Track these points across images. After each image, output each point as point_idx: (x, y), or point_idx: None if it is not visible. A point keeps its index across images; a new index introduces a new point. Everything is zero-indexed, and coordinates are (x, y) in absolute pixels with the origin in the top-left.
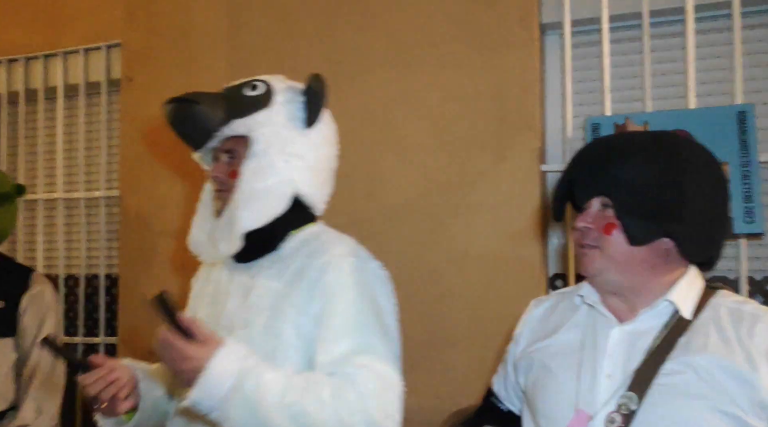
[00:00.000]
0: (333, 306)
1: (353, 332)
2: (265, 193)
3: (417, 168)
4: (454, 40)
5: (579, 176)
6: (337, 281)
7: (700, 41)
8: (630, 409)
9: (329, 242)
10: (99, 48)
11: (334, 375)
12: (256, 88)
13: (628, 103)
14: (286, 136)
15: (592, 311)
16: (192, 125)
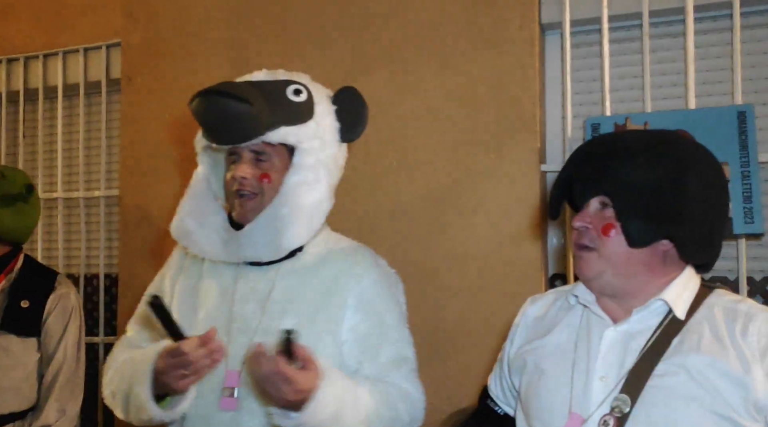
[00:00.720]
0: (373, 317)
1: (394, 340)
2: (312, 208)
3: (416, 168)
4: (453, 39)
5: (579, 175)
6: (373, 292)
7: (700, 41)
8: (623, 411)
9: (353, 252)
10: (99, 47)
11: (379, 382)
12: (301, 94)
13: (628, 104)
14: (331, 150)
15: (586, 311)
16: (237, 125)
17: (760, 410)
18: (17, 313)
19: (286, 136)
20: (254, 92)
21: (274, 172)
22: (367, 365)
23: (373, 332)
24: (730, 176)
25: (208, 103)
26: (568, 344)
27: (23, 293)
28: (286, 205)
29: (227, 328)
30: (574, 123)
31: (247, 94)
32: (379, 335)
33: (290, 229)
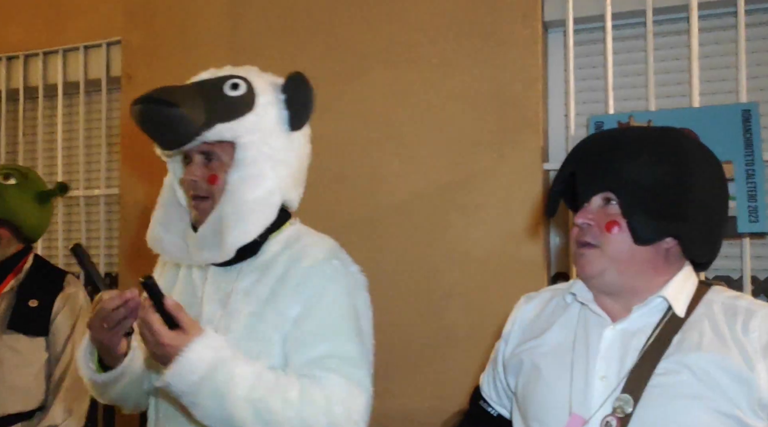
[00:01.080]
0: (311, 310)
1: (330, 336)
2: (256, 204)
3: (418, 167)
4: (456, 37)
5: (582, 171)
6: (318, 286)
7: (705, 39)
8: (625, 412)
9: (311, 245)
10: (99, 45)
11: (304, 377)
12: (238, 88)
13: (631, 102)
14: (274, 142)
15: (584, 310)
16: (170, 129)
17: (764, 408)
18: (26, 312)
19: (222, 133)
20: (188, 93)
21: (222, 172)
22: (294, 358)
23: (309, 327)
24: (734, 175)
25: (139, 112)
26: (565, 343)
27: (32, 292)
28: (229, 204)
29: None
30: (577, 121)
31: (175, 97)
32: (315, 330)
33: (235, 227)
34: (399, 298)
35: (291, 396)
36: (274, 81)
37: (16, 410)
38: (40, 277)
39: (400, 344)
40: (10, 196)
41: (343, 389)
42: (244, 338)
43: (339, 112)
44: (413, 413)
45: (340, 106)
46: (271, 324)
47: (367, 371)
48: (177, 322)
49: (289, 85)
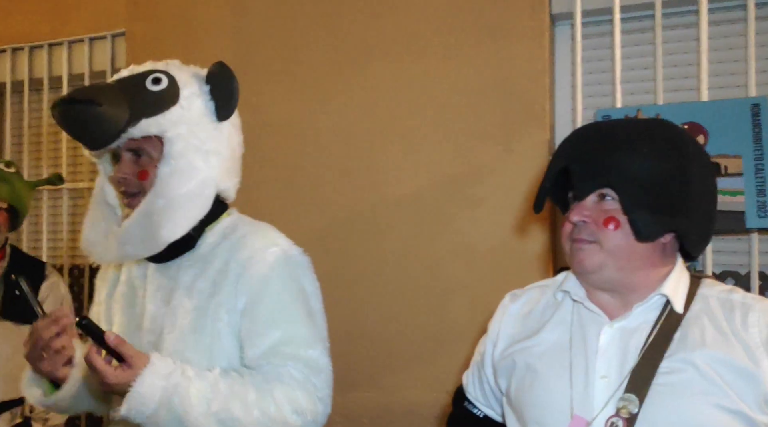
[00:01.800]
0: (258, 300)
1: (280, 322)
2: (187, 198)
3: (422, 160)
4: (461, 29)
5: (578, 167)
6: (261, 274)
7: (714, 32)
8: (631, 412)
9: (249, 234)
10: (104, 37)
11: (260, 370)
12: (160, 82)
13: (639, 96)
14: (202, 133)
15: (577, 307)
16: (93, 128)
17: None
18: (14, 301)
19: (148, 128)
20: (109, 91)
21: (152, 168)
22: (249, 351)
23: (259, 317)
24: (743, 170)
25: (59, 113)
26: (561, 343)
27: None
28: (160, 198)
29: (138, 329)
30: (585, 115)
31: (96, 95)
32: (266, 319)
33: (167, 221)
34: (402, 291)
35: (250, 398)
36: (197, 73)
37: (8, 397)
38: (21, 265)
39: (403, 337)
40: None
41: (300, 374)
42: (191, 332)
43: (342, 104)
44: (415, 406)
45: (344, 98)
46: (218, 318)
47: (322, 350)
48: (121, 356)
49: (212, 76)
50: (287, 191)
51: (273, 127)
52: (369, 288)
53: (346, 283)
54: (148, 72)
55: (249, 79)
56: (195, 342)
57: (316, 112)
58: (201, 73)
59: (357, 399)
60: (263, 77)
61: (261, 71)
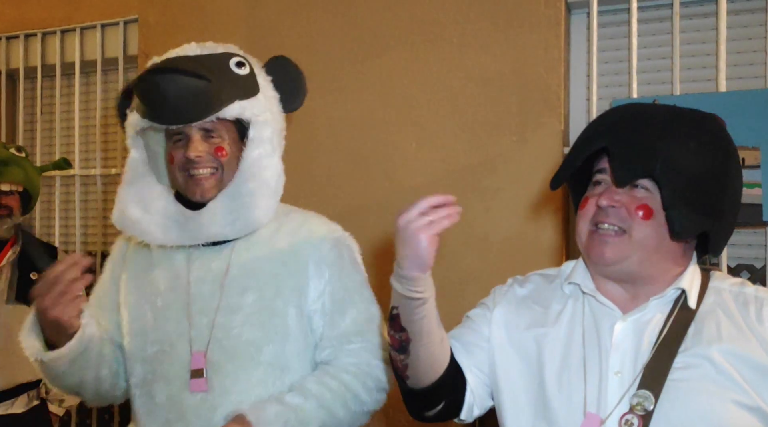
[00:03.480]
0: (336, 281)
1: (357, 302)
2: (274, 181)
3: (436, 150)
4: (476, 18)
5: (620, 151)
6: (331, 257)
7: (732, 22)
8: (647, 409)
9: (308, 220)
10: (116, 23)
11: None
12: (244, 67)
13: (655, 86)
14: (278, 123)
15: (588, 300)
16: (193, 102)
17: None
18: (29, 284)
19: (243, 112)
20: (210, 68)
21: (227, 146)
22: (328, 331)
23: (336, 298)
24: (761, 162)
25: (165, 82)
26: (574, 338)
27: (30, 265)
28: (251, 181)
29: (187, 310)
30: (600, 105)
31: (204, 70)
32: (342, 299)
33: (259, 204)
34: None
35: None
36: (258, 62)
37: (25, 379)
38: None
39: None
40: (27, 167)
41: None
42: (256, 312)
43: (357, 92)
44: None
45: (358, 86)
46: (289, 301)
47: (381, 327)
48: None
49: (274, 67)
50: (300, 180)
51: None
52: (382, 277)
53: None
54: (230, 54)
55: None
56: (261, 323)
57: (330, 102)
58: (258, 63)
59: None
60: None
61: None
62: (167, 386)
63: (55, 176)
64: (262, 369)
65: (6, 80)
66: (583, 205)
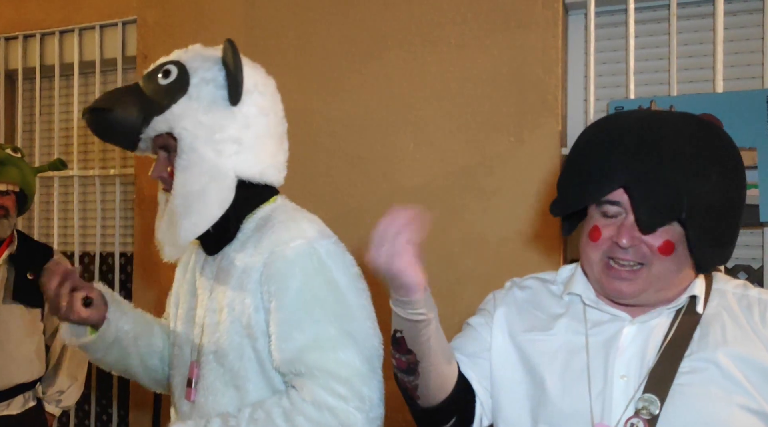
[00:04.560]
0: (280, 300)
1: (304, 324)
2: (201, 193)
3: (434, 150)
4: (474, 19)
5: (647, 194)
6: (281, 272)
7: (729, 23)
8: (652, 413)
9: (277, 226)
10: (115, 24)
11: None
12: (170, 74)
13: (652, 86)
14: (211, 122)
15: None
16: (113, 133)
17: None
18: (25, 284)
19: (159, 126)
20: (125, 93)
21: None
22: (276, 355)
23: (281, 319)
24: (757, 162)
25: (87, 124)
26: (576, 345)
27: (27, 264)
28: (178, 196)
29: (192, 323)
30: (597, 106)
31: (110, 101)
32: (288, 320)
33: (185, 219)
34: None
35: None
36: (214, 54)
37: (21, 380)
38: (30, 250)
39: None
40: (23, 168)
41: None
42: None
43: (355, 93)
44: None
45: (356, 87)
46: (249, 316)
47: (354, 350)
48: None
49: (224, 58)
50: (299, 181)
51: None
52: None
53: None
54: (162, 65)
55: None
56: (231, 342)
57: (329, 102)
58: (217, 54)
59: None
60: (275, 66)
61: (273, 60)
62: (176, 389)
63: (53, 177)
64: (232, 389)
65: (5, 81)
66: (594, 236)
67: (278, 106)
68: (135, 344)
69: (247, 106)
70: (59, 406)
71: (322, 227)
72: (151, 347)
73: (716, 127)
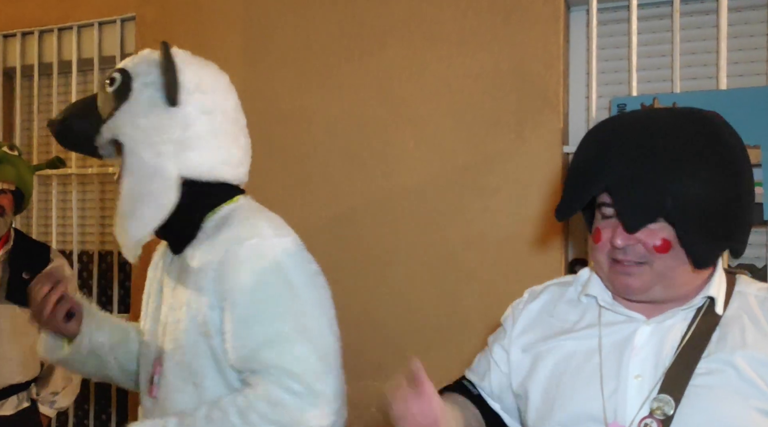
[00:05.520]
0: (232, 299)
1: (257, 321)
2: (144, 196)
3: (434, 148)
4: (475, 14)
5: (625, 193)
6: (235, 270)
7: (733, 19)
8: (666, 414)
9: (234, 226)
10: (113, 21)
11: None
12: (114, 82)
13: (655, 83)
14: (149, 125)
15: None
16: (72, 143)
17: None
18: (20, 284)
19: (105, 134)
20: (79, 106)
21: None
22: (230, 354)
23: (234, 318)
24: (761, 160)
25: (54, 135)
26: (590, 347)
27: (22, 264)
28: (122, 199)
29: (157, 321)
30: (599, 103)
31: (67, 112)
32: (241, 319)
33: (129, 223)
34: (413, 280)
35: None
36: (156, 57)
37: (15, 381)
38: (26, 249)
39: (413, 326)
40: (20, 166)
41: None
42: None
43: (354, 90)
44: None
45: (355, 84)
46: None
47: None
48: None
49: (160, 60)
50: (298, 179)
51: (284, 114)
52: (379, 277)
53: (357, 271)
54: (111, 72)
55: (259, 65)
56: (191, 341)
57: (327, 99)
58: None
59: (365, 388)
60: (274, 63)
61: (272, 57)
62: (141, 385)
63: (51, 175)
64: (190, 385)
65: (3, 79)
66: (597, 239)
67: (228, 104)
68: (112, 353)
69: (189, 106)
70: (53, 407)
71: (279, 226)
72: (129, 353)
73: (714, 122)
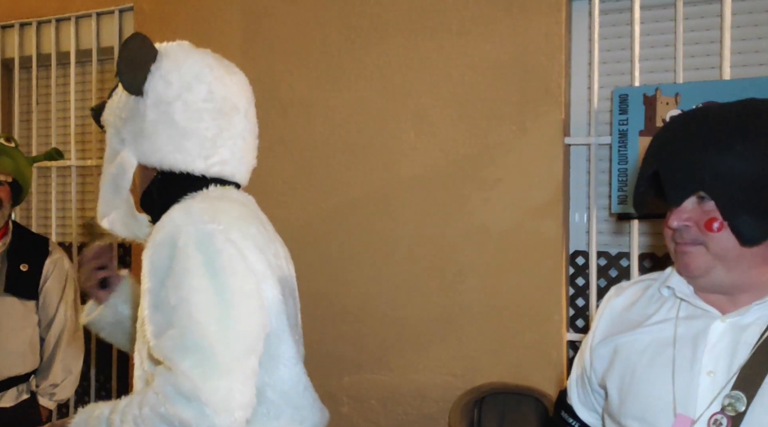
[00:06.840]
0: (145, 284)
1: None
2: (106, 182)
3: (435, 139)
4: (475, 4)
5: (667, 172)
6: (148, 257)
7: (737, 8)
8: (737, 410)
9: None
10: (111, 12)
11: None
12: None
13: (658, 74)
14: (119, 114)
15: (684, 303)
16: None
17: None
18: (18, 276)
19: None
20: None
21: None
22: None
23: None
24: None
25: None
26: (665, 339)
27: (21, 256)
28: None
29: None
30: (601, 94)
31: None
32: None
33: (99, 206)
34: (413, 273)
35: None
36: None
37: (14, 373)
38: (25, 242)
39: (414, 319)
40: (17, 157)
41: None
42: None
43: (354, 82)
44: (425, 388)
45: (356, 75)
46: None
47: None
48: None
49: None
50: (298, 171)
51: (284, 106)
52: (380, 269)
53: (357, 263)
54: None
55: (258, 55)
56: (140, 322)
57: (328, 91)
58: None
59: (365, 380)
60: (274, 54)
61: (271, 48)
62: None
63: (51, 167)
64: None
65: (1, 70)
66: (665, 223)
67: (193, 95)
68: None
69: (149, 95)
70: (53, 399)
71: (213, 214)
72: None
73: (755, 102)
